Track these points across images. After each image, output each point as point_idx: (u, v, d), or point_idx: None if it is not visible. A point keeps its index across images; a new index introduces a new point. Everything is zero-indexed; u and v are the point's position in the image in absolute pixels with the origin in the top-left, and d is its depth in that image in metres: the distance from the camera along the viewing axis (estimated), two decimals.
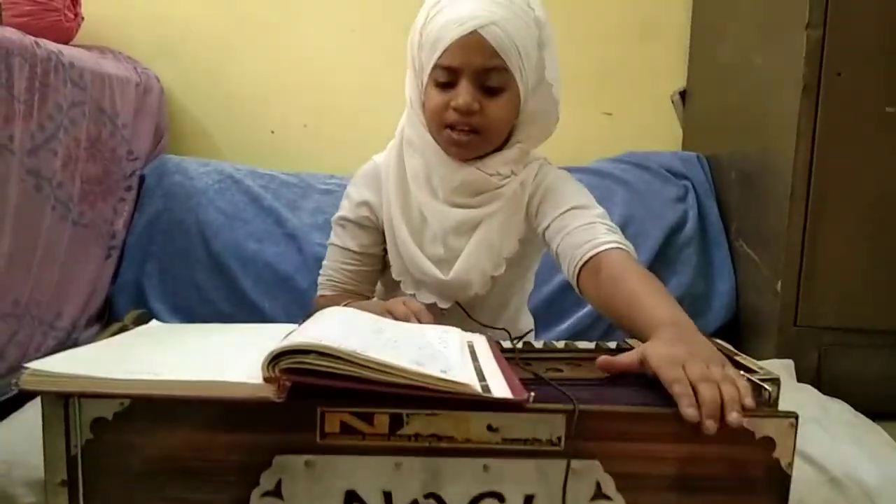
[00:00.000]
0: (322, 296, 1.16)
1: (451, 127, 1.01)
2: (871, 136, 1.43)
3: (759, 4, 1.64)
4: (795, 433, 0.67)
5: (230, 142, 1.97)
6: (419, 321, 0.91)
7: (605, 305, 0.94)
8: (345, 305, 1.01)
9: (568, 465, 0.65)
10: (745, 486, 0.67)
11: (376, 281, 1.20)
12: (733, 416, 0.64)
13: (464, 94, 0.98)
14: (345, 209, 1.15)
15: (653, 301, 0.85)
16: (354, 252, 1.14)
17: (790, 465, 0.67)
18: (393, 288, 1.16)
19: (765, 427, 0.67)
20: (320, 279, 1.18)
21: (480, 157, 1.05)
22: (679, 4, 2.02)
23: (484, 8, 0.96)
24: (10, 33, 1.20)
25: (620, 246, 0.96)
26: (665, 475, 0.67)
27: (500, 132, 1.05)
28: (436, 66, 0.99)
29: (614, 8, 2.01)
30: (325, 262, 1.18)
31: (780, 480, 0.67)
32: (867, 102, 1.42)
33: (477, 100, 0.99)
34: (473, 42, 0.96)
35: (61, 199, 1.37)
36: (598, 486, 0.67)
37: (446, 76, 0.99)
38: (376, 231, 1.14)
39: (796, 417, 0.67)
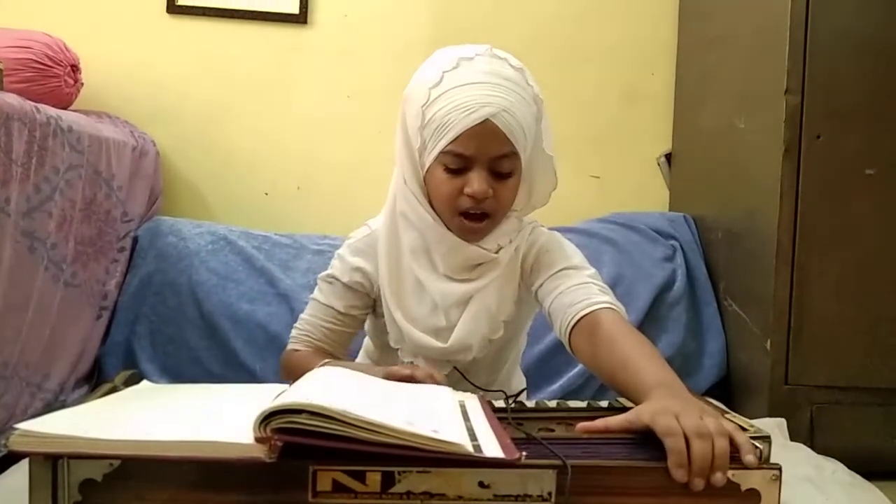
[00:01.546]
0: (295, 350, 1.14)
1: (464, 213, 1.01)
2: (852, 196, 1.47)
3: (740, 71, 1.70)
4: (780, 485, 0.68)
5: (224, 204, 2.00)
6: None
7: (598, 366, 0.94)
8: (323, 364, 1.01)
9: None
10: None
11: (350, 343, 1.18)
12: (717, 477, 0.66)
13: (479, 181, 0.98)
14: (336, 269, 1.14)
15: (645, 364, 0.85)
16: (337, 311, 1.12)
17: None
18: (391, 353, 1.15)
19: (750, 479, 0.68)
20: (294, 332, 1.16)
21: None
22: (663, 71, 2.09)
23: (493, 94, 0.95)
24: (11, 98, 1.23)
25: (612, 306, 0.97)
26: None
27: (507, 211, 1.06)
28: (446, 152, 0.98)
29: (601, 75, 2.08)
30: (303, 316, 1.16)
31: None
32: (847, 164, 1.47)
33: (490, 185, 0.99)
34: (486, 131, 0.95)
35: (54, 260, 1.37)
36: None
37: (457, 163, 0.99)
38: (366, 297, 1.13)
39: (780, 469, 0.68)
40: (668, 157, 2.08)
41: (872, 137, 1.47)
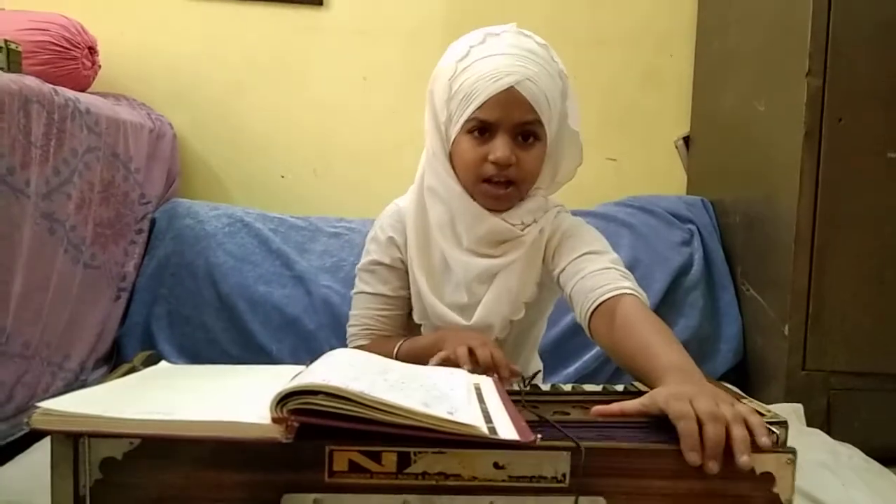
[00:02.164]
0: (361, 346, 1.13)
1: (488, 180, 1.03)
2: (873, 180, 1.45)
3: (760, 53, 1.68)
4: (794, 468, 0.68)
5: (241, 186, 2.01)
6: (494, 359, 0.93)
7: (616, 350, 0.94)
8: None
9: (576, 501, 0.65)
10: None
11: (405, 325, 1.19)
12: (744, 460, 0.65)
13: (502, 147, 1.00)
14: (374, 253, 1.15)
15: (663, 349, 0.85)
16: (388, 297, 1.14)
17: (789, 500, 0.68)
18: (414, 329, 1.16)
19: (765, 463, 0.68)
20: (353, 329, 1.16)
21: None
22: (682, 53, 2.06)
23: (517, 63, 0.99)
24: (30, 81, 1.24)
25: (633, 292, 0.97)
26: None
27: (533, 181, 1.07)
28: (470, 119, 1.01)
29: (619, 57, 2.05)
30: (354, 312, 1.17)
31: None
32: (868, 148, 1.44)
33: (513, 152, 1.01)
34: (511, 98, 0.99)
35: (74, 242, 1.39)
36: None
37: (482, 130, 1.02)
38: (405, 273, 1.14)
39: (794, 453, 0.68)
40: (687, 140, 2.06)
41: (895, 121, 1.44)
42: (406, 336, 1.12)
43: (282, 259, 1.73)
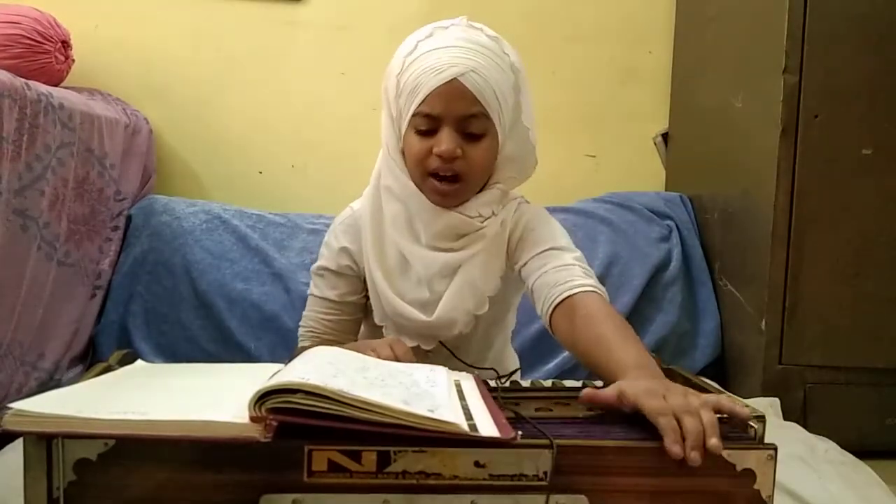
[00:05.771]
0: (303, 347, 1.13)
1: (434, 175, 1.02)
2: (849, 176, 1.47)
3: (738, 50, 1.69)
4: (775, 465, 0.69)
5: (218, 182, 1.98)
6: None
7: (575, 346, 0.94)
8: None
9: (547, 500, 0.65)
10: None
11: (358, 329, 1.19)
12: (713, 442, 0.66)
13: (446, 140, 0.99)
14: (324, 258, 1.15)
15: (622, 345, 0.86)
16: (333, 301, 1.13)
17: (770, 496, 0.69)
18: (377, 333, 1.15)
19: (746, 460, 0.68)
20: (301, 330, 1.17)
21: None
22: (660, 50, 2.07)
23: (462, 55, 0.97)
24: (1, 75, 1.22)
25: (596, 290, 0.97)
26: None
27: (481, 177, 1.06)
28: (416, 114, 1.00)
29: (598, 53, 2.06)
30: (305, 313, 1.17)
31: None
32: (844, 144, 1.46)
33: (459, 146, 1.00)
34: (454, 90, 0.97)
35: (47, 239, 1.36)
36: None
37: (427, 123, 1.00)
38: (357, 279, 1.13)
39: (775, 449, 0.69)
40: (665, 136, 2.07)
41: (870, 118, 1.46)
42: (341, 344, 1.11)
43: (260, 256, 1.72)
